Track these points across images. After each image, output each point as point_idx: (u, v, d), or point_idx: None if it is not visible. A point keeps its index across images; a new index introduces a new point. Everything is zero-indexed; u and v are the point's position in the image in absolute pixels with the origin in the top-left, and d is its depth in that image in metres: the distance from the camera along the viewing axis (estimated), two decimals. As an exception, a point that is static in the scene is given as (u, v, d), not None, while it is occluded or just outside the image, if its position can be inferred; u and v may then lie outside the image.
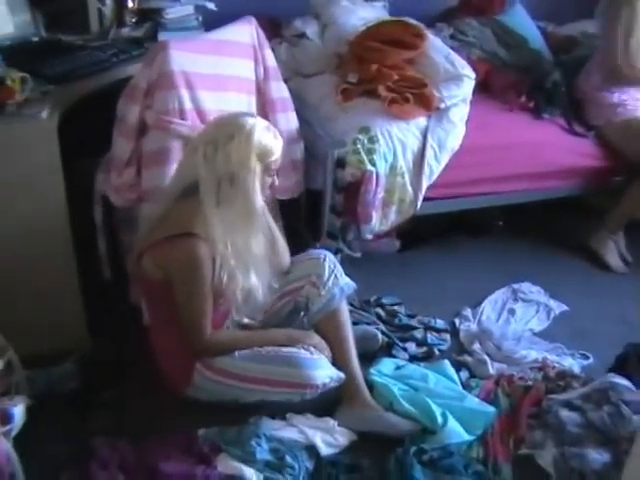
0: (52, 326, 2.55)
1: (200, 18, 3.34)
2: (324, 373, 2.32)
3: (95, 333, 2.69)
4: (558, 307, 3.09)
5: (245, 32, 2.66)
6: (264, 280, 2.35)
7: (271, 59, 2.75)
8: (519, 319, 2.98)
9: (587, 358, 2.77)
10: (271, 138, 2.24)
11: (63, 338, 2.57)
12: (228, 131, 2.17)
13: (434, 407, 2.37)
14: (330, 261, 2.54)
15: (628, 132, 3.31)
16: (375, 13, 3.59)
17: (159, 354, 2.41)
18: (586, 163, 3.35)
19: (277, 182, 2.41)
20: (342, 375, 2.37)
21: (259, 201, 2.24)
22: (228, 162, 2.15)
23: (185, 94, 2.49)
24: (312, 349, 2.35)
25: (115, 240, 2.82)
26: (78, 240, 2.59)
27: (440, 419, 2.33)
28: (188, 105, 2.50)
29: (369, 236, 3.03)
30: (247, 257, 2.26)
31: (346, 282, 2.52)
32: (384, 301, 2.99)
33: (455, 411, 2.39)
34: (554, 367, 2.63)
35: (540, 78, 3.53)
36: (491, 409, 2.44)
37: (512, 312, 3.01)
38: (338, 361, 2.44)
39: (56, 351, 2.51)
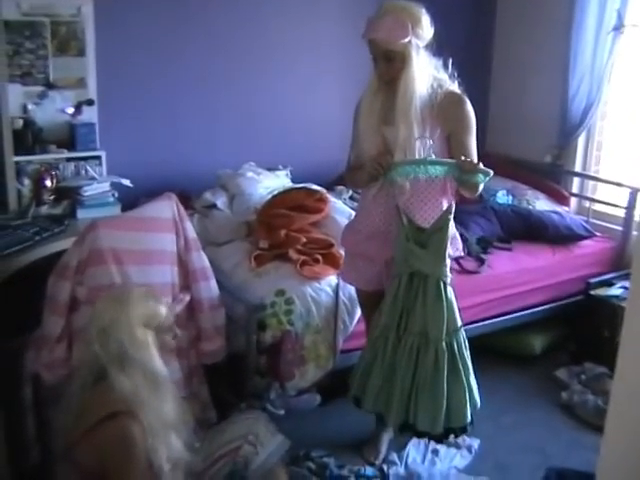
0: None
1: (116, 194, 3.53)
2: None
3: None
4: (476, 442, 3.25)
5: (166, 208, 2.84)
6: (184, 443, 2.33)
7: (191, 231, 2.93)
8: (443, 458, 3.11)
9: (511, 489, 2.93)
10: (152, 304, 2.30)
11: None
12: (110, 316, 2.20)
13: None
14: (265, 420, 2.63)
15: None
16: (279, 182, 3.88)
17: None
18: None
19: (179, 333, 2.47)
20: None
21: (161, 366, 2.28)
22: (121, 345, 2.18)
23: (114, 270, 2.62)
24: None
25: (41, 420, 2.79)
26: (4, 419, 2.57)
27: None
28: (117, 280, 2.62)
29: (293, 393, 3.14)
30: (164, 424, 2.25)
31: (282, 439, 2.60)
32: (313, 454, 3.05)
33: None
34: (482, 501, 2.77)
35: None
36: None
37: (436, 452, 3.14)
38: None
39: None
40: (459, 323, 2.84)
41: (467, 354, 2.89)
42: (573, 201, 4.73)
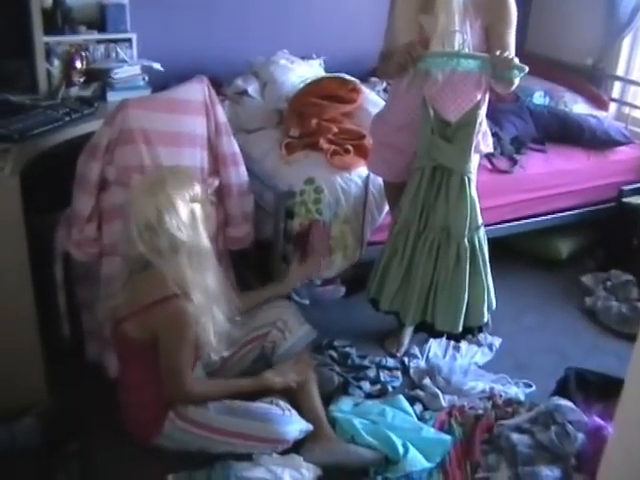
0: (9, 381, 2.54)
1: (147, 78, 3.48)
2: (295, 428, 2.43)
3: (54, 387, 2.69)
4: (498, 341, 3.27)
5: (197, 90, 2.79)
6: (226, 314, 2.45)
7: (222, 115, 2.88)
8: (464, 354, 3.13)
9: (530, 386, 2.97)
10: (188, 181, 2.34)
11: (21, 393, 2.57)
12: (153, 210, 2.23)
13: (394, 438, 2.49)
14: (294, 308, 2.71)
15: None
16: (312, 71, 3.80)
17: (130, 406, 2.45)
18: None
19: (214, 199, 2.59)
20: (311, 426, 2.49)
21: (206, 241, 2.35)
22: (170, 235, 2.24)
23: (144, 150, 2.60)
24: (282, 404, 2.46)
25: (72, 296, 2.85)
26: (36, 295, 2.61)
27: (401, 449, 2.45)
28: (147, 161, 2.61)
29: (318, 282, 3.17)
30: (209, 298, 2.35)
31: (309, 328, 2.69)
32: (336, 344, 3.10)
33: (414, 441, 2.51)
34: (501, 396, 2.81)
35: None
36: (447, 438, 2.58)
37: (457, 348, 3.16)
38: (301, 401, 2.55)
39: (14, 406, 2.51)
40: (480, 221, 2.84)
41: (486, 253, 2.91)
42: (612, 107, 4.60)
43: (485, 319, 2.96)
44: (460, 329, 2.90)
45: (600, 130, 4.05)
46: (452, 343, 3.18)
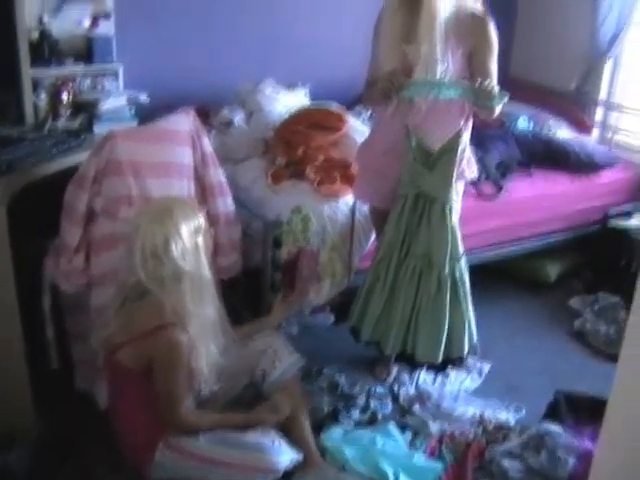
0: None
1: (133, 109, 3.49)
2: (286, 458, 2.41)
3: (43, 416, 2.68)
4: (487, 366, 3.27)
5: (184, 122, 2.81)
6: (220, 345, 2.46)
7: (208, 146, 2.90)
8: (453, 380, 3.13)
9: (520, 410, 2.96)
10: (193, 212, 2.35)
11: (9, 423, 2.55)
12: (161, 237, 2.23)
13: (385, 466, 2.49)
14: (283, 338, 2.74)
15: None
16: (298, 100, 3.83)
17: (122, 434, 2.43)
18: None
19: (213, 232, 2.56)
20: (301, 456, 2.46)
21: (207, 271, 2.36)
22: (175, 264, 2.24)
23: (132, 181, 2.61)
24: (272, 434, 2.43)
25: (60, 326, 2.84)
26: (25, 324, 2.60)
27: (392, 477, 2.45)
28: (135, 192, 2.62)
29: (307, 310, 3.17)
30: (205, 330, 2.35)
31: (297, 355, 2.69)
32: (325, 372, 3.10)
33: (405, 469, 2.51)
34: (491, 421, 2.81)
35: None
36: (438, 465, 2.57)
37: (446, 375, 3.16)
38: (291, 430, 2.54)
39: (1, 436, 2.50)
40: (461, 251, 2.87)
41: (467, 284, 2.94)
42: (595, 132, 4.66)
43: (466, 351, 2.98)
44: (440, 360, 2.92)
45: (584, 154, 4.09)
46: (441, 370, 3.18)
